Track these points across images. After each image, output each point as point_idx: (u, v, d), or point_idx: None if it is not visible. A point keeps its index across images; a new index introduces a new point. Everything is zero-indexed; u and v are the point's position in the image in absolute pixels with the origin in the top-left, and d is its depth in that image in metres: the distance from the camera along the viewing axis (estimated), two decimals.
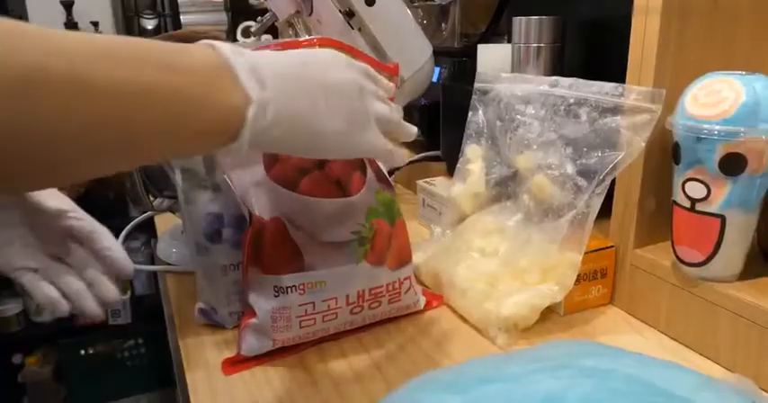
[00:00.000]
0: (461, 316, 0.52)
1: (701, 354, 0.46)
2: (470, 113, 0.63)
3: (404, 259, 0.50)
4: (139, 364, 1.81)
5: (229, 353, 0.47)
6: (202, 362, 0.47)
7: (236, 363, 0.46)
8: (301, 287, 0.45)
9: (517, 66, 0.67)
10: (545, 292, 0.48)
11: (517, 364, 0.35)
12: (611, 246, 0.52)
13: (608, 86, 0.50)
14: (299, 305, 0.45)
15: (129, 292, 1.70)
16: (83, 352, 1.73)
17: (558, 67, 0.66)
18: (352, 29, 0.68)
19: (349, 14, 0.67)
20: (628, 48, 0.49)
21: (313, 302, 0.45)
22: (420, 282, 0.59)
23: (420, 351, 0.48)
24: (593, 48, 0.66)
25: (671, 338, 0.48)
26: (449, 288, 0.53)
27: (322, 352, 0.48)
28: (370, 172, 0.49)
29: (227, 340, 0.49)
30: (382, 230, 0.48)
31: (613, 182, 0.51)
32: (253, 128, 0.31)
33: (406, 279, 0.50)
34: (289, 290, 0.45)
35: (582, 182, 0.50)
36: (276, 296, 0.45)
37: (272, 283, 0.45)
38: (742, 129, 0.40)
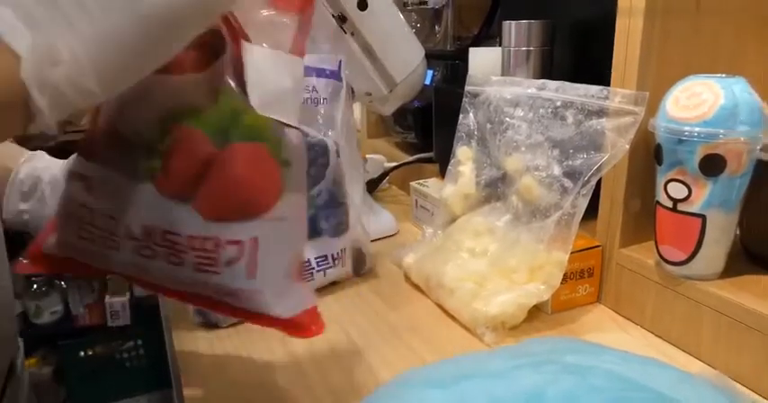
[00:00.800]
0: (451, 315, 0.53)
1: (684, 351, 0.47)
2: (461, 116, 0.64)
3: (238, 211, 0.33)
4: (138, 365, 1.82)
5: (222, 350, 0.48)
6: (197, 360, 0.48)
7: (36, 257, 0.38)
8: (82, 179, 0.35)
9: (507, 69, 0.68)
10: (532, 291, 0.49)
11: (500, 360, 0.36)
12: (598, 246, 0.53)
13: (593, 89, 0.51)
14: (80, 204, 0.35)
15: (128, 294, 1.71)
16: (82, 353, 1.74)
17: (548, 70, 0.66)
18: (345, 33, 0.69)
19: (342, 19, 0.68)
20: None
21: (92, 209, 0.34)
22: (411, 283, 0.60)
23: (409, 348, 0.49)
24: (583, 51, 0.67)
25: (656, 336, 0.49)
26: (438, 287, 0.54)
27: (312, 346, 0.49)
28: (228, 66, 0.32)
29: (221, 337, 0.50)
30: (192, 148, 0.32)
31: (600, 183, 0.52)
32: (41, 86, 0.23)
33: (233, 243, 0.32)
34: (73, 176, 0.35)
35: (568, 183, 0.51)
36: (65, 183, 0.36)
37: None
38: (721, 131, 0.41)
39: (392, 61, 0.73)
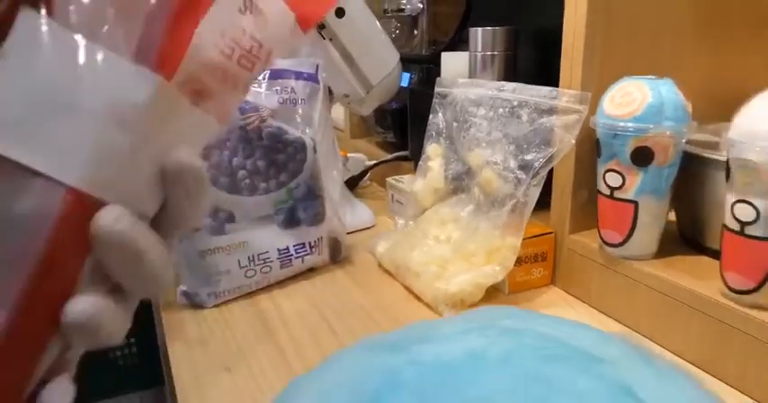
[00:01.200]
0: (417, 295, 0.58)
1: (624, 325, 0.52)
2: (431, 115, 0.69)
3: None
4: (131, 363, 1.85)
5: (207, 328, 0.53)
6: (183, 336, 0.53)
7: None
8: None
9: (474, 72, 0.73)
10: (488, 272, 0.54)
11: (448, 327, 0.41)
12: (550, 233, 0.58)
13: (545, 90, 0.56)
14: None
15: None
16: None
17: (511, 72, 0.72)
18: (324, 39, 0.74)
19: (320, 26, 0.73)
20: None
21: None
22: (384, 269, 0.65)
23: (377, 324, 0.54)
24: (544, 55, 0.73)
25: (601, 312, 0.54)
26: (406, 271, 0.59)
27: (289, 325, 0.54)
28: None
29: (206, 317, 0.55)
30: None
31: (552, 176, 0.57)
32: None
33: None
34: None
35: (522, 175, 0.56)
36: None
37: None
38: (650, 126, 0.47)
39: (368, 65, 0.78)
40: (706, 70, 0.60)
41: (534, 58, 0.73)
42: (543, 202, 0.58)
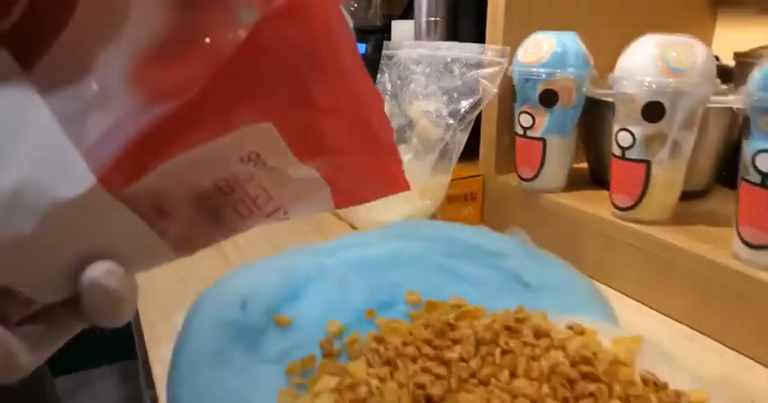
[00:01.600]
0: (359, 230, 0.65)
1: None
2: (378, 75, 0.76)
3: None
4: (102, 336, 1.89)
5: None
6: None
7: None
8: None
9: (419, 36, 0.79)
10: (420, 206, 0.61)
11: (374, 236, 0.48)
12: (479, 175, 0.65)
13: (473, 46, 0.63)
14: None
15: None
16: None
17: (452, 36, 0.79)
18: None
19: None
20: None
21: None
22: (335, 214, 0.71)
23: None
24: (481, 20, 0.79)
25: None
26: (350, 210, 0.66)
27: (237, 245, 0.60)
28: None
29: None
30: None
31: (481, 124, 0.64)
32: None
33: None
34: None
35: (451, 121, 0.63)
36: None
37: None
38: (555, 71, 0.54)
39: None
40: (613, 37, 0.67)
41: (472, 23, 0.80)
42: (477, 151, 0.66)
